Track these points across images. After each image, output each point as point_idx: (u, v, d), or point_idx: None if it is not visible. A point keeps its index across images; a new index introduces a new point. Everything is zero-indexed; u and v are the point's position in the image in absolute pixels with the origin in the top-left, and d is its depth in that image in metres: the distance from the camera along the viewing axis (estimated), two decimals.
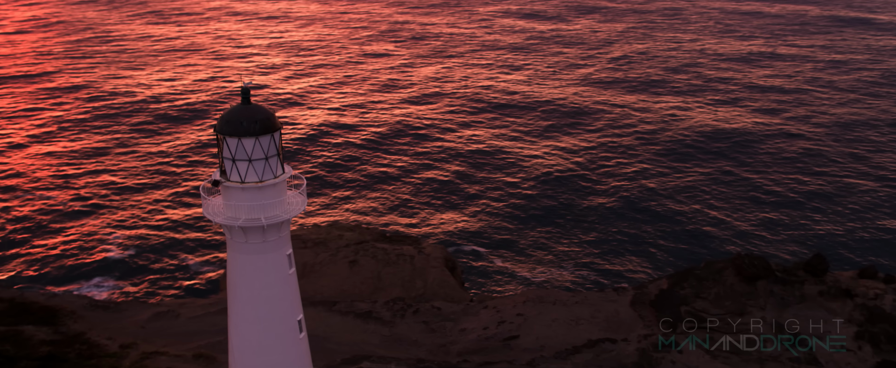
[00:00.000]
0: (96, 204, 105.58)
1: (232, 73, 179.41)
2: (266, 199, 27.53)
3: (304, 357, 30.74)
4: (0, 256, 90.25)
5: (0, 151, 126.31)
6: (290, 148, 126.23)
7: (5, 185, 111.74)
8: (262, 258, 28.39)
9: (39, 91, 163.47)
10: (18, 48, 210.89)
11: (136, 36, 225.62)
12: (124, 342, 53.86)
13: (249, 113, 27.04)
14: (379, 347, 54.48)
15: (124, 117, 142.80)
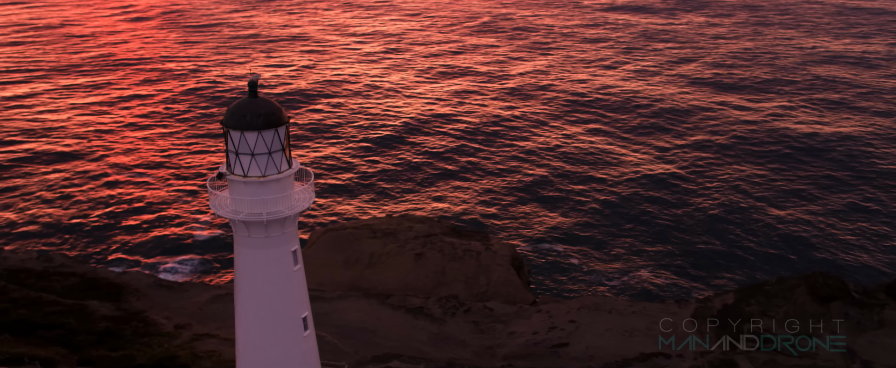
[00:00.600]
0: (192, 189, 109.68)
1: (334, 62, 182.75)
2: (268, 194, 27.16)
3: (309, 354, 30.30)
4: (92, 233, 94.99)
5: (111, 130, 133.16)
6: (380, 137, 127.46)
7: (115, 163, 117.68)
8: (265, 254, 28.07)
9: (151, 76, 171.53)
10: (134, 34, 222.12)
11: (246, 24, 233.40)
12: (180, 322, 55.37)
13: (254, 107, 26.69)
14: (425, 344, 53.87)
15: (222, 105, 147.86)
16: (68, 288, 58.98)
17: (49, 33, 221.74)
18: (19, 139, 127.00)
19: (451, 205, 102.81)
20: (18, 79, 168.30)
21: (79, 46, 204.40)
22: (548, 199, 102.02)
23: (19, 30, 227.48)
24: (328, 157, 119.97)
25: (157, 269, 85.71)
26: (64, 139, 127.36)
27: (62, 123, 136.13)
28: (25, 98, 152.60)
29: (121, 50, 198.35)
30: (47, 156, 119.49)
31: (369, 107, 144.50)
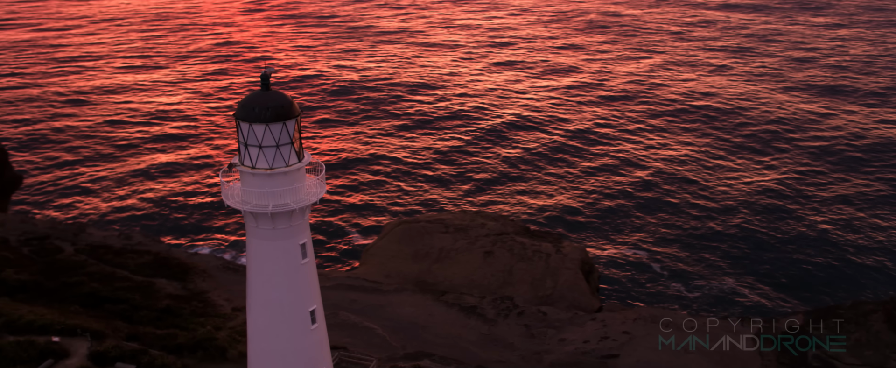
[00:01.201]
0: None
1: (437, 57, 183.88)
2: (275, 186, 27.31)
3: (316, 347, 30.35)
4: (182, 214, 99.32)
5: (210, 118, 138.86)
6: (472, 132, 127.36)
7: (217, 147, 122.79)
8: (272, 245, 28.27)
9: (252, 66, 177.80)
10: (249, 24, 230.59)
11: (355, 17, 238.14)
12: (239, 305, 56.84)
13: (264, 100, 26.86)
14: (473, 344, 53.32)
15: (330, 100, 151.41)
16: (141, 266, 61.67)
17: (168, 22, 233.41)
18: (136, 121, 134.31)
19: (531, 204, 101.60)
20: (136, 65, 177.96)
21: (194, 34, 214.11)
22: (637, 205, 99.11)
23: (144, 18, 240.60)
24: (420, 149, 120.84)
25: (237, 253, 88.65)
26: (175, 123, 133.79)
27: (175, 109, 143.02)
28: (140, 85, 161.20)
29: (230, 40, 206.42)
30: (156, 140, 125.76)
31: (466, 102, 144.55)
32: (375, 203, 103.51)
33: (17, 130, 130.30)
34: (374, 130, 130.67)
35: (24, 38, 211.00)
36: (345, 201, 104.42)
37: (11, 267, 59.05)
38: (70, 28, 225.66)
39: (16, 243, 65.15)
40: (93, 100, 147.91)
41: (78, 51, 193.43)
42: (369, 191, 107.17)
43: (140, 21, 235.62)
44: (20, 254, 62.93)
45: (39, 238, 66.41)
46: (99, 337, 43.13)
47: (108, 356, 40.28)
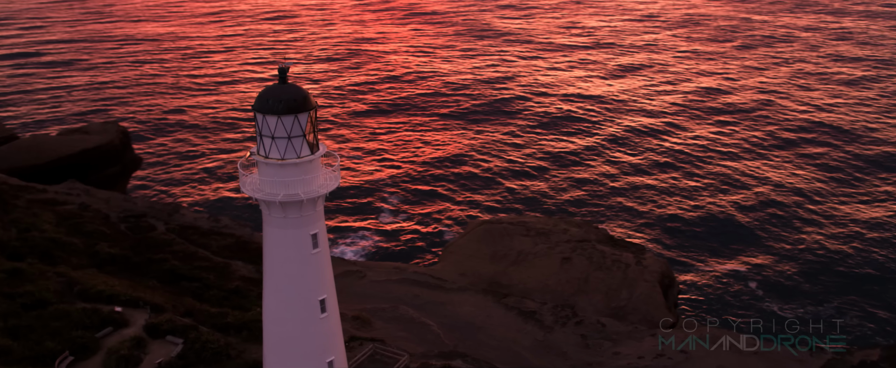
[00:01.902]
0: (385, 175, 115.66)
1: (551, 62, 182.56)
2: (286, 176, 28.17)
3: (326, 336, 31.05)
4: None
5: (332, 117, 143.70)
6: (574, 138, 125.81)
7: None
8: (284, 233, 29.18)
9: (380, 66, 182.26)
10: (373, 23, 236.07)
11: (479, 19, 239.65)
12: None
13: (278, 92, 27.77)
14: (525, 349, 52.81)
15: (430, 103, 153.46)
16: (222, 247, 64.83)
17: (296, 18, 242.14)
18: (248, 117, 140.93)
19: (622, 213, 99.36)
20: (264, 60, 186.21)
21: (315, 32, 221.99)
22: (738, 224, 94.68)
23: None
24: (525, 151, 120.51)
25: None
26: None
27: None
28: (255, 79, 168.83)
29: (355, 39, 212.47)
30: None
31: (577, 107, 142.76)
32: (474, 199, 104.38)
33: (144, 116, 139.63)
34: (481, 128, 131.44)
35: (157, 31, 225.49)
36: (443, 195, 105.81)
37: (106, 241, 63.49)
38: (201, 22, 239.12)
39: (115, 219, 69.93)
40: (218, 91, 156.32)
41: (206, 44, 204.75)
42: (469, 187, 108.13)
43: (271, 17, 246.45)
44: (117, 230, 67.53)
45: (137, 216, 70.99)
46: (158, 311, 45.78)
47: (161, 328, 42.69)
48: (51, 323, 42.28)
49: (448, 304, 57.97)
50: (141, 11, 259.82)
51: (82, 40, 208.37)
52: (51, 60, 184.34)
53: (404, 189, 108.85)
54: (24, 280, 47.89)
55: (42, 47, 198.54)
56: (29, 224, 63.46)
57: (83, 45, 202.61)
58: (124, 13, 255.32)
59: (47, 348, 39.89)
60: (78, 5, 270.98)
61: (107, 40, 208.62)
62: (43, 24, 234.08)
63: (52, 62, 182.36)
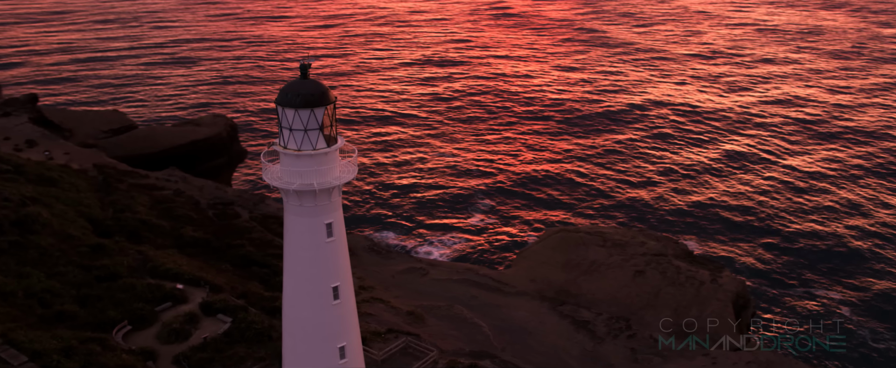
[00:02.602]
0: (486, 169, 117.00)
1: (666, 77, 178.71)
2: (301, 167, 29.74)
3: (339, 322, 32.40)
4: (373, 197, 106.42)
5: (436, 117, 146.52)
6: (674, 151, 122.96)
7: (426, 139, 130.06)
8: (300, 221, 30.80)
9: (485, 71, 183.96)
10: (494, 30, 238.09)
11: (613, 34, 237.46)
12: (367, 284, 60.73)
13: (297, 87, 29.40)
14: (574, 358, 52.60)
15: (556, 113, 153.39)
16: None
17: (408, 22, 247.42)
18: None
19: (709, 230, 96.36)
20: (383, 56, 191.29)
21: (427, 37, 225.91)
22: (840, 257, 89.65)
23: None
24: (620, 163, 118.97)
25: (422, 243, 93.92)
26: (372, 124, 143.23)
27: (391, 110, 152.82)
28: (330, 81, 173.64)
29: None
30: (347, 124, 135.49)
31: (686, 123, 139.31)
32: (566, 205, 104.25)
33: (255, 110, 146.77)
34: (583, 137, 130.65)
35: (279, 33, 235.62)
36: (538, 200, 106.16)
37: (192, 225, 67.70)
38: (317, 25, 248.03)
39: (205, 205, 74.31)
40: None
41: (321, 44, 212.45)
42: (563, 194, 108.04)
43: (383, 21, 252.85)
44: (204, 215, 71.77)
45: (225, 204, 75.16)
46: (217, 291, 48.68)
47: (214, 307, 45.46)
48: (117, 295, 45.83)
49: (503, 307, 58.40)
50: (267, 11, 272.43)
51: (209, 39, 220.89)
52: (177, 56, 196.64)
53: (499, 192, 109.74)
54: (103, 255, 52.03)
55: (173, 45, 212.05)
56: (125, 206, 68.48)
57: (210, 43, 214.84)
58: (250, 13, 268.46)
59: (109, 316, 43.34)
60: (213, 8, 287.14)
61: (234, 39, 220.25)
62: (174, 23, 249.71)
63: (178, 58, 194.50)
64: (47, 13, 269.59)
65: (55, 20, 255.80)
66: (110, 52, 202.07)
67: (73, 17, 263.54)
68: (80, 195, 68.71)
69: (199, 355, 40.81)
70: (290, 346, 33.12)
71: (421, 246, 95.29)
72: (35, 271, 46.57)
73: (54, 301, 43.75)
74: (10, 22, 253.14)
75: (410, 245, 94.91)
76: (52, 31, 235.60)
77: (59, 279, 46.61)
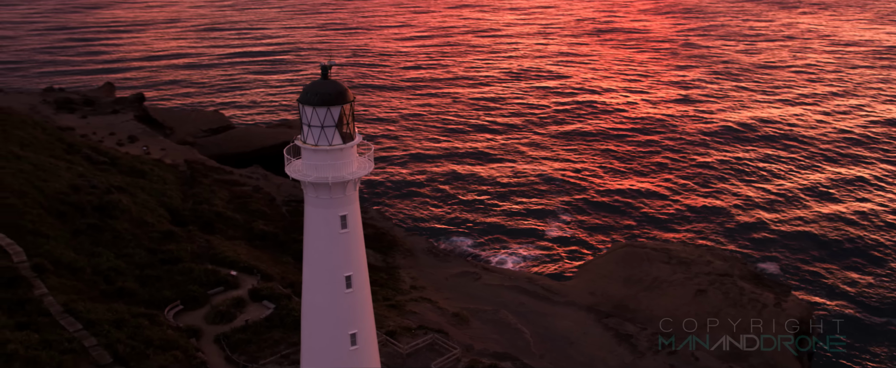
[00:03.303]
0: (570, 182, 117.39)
1: (760, 96, 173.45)
2: (318, 161, 31.81)
3: (351, 310, 34.17)
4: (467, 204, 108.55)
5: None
6: (764, 177, 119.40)
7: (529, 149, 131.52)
8: (316, 212, 32.85)
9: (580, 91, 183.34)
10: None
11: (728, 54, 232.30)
12: (419, 284, 62.61)
13: (317, 86, 31.51)
14: None
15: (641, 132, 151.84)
16: None
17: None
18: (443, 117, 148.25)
19: (784, 252, 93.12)
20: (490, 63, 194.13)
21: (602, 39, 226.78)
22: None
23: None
24: (711, 182, 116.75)
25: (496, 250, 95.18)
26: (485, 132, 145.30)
27: (494, 120, 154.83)
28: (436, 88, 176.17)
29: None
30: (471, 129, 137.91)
31: (784, 145, 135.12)
32: (647, 217, 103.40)
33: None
34: (673, 151, 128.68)
35: (382, 45, 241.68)
36: (617, 212, 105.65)
37: (264, 219, 71.52)
38: (420, 36, 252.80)
39: (280, 202, 78.20)
40: (424, 96, 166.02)
41: (416, 52, 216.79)
42: (644, 209, 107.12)
43: (485, 34, 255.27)
44: (277, 211, 75.59)
45: (298, 201, 78.84)
46: (268, 279, 51.61)
47: (261, 293, 48.34)
48: (175, 277, 49.43)
49: (549, 316, 58.97)
50: (367, 22, 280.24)
51: (311, 47, 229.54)
52: (280, 61, 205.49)
53: (583, 204, 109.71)
54: (171, 241, 56.03)
55: (278, 51, 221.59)
56: (204, 199, 73.09)
57: (312, 50, 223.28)
58: (361, 25, 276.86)
59: (164, 295, 46.87)
60: (322, 18, 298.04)
61: (341, 48, 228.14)
62: (280, 32, 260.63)
63: (281, 63, 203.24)
64: (164, 21, 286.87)
65: (171, 27, 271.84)
66: (221, 58, 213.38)
67: (187, 23, 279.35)
68: (166, 187, 73.82)
69: (239, 336, 43.62)
70: (307, 331, 35.20)
71: (495, 254, 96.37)
72: (106, 251, 50.80)
73: (117, 279, 47.67)
74: (128, 29, 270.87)
75: (484, 253, 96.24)
76: (168, 37, 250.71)
77: (125, 260, 50.66)
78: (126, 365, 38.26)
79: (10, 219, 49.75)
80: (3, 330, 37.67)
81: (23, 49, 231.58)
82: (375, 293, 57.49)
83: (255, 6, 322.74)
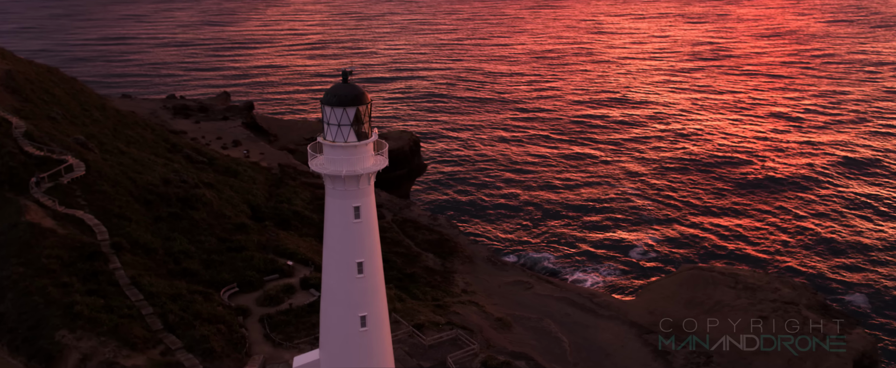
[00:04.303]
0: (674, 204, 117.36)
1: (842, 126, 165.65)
2: (335, 156, 35.50)
3: (361, 293, 37.47)
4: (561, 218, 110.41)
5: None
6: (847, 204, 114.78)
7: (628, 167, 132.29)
8: (333, 202, 36.46)
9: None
10: None
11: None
12: (471, 289, 65.35)
13: (337, 89, 35.25)
14: None
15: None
16: (425, 241, 73.96)
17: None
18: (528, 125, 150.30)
19: (859, 281, 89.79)
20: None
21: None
22: None
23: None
24: (814, 218, 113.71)
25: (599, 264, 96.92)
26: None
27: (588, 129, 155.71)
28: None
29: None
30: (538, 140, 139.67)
31: (856, 173, 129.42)
32: (738, 239, 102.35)
33: (436, 127, 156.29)
34: (778, 192, 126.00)
35: (493, 68, 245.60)
36: (701, 233, 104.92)
37: None
38: (511, 59, 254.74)
39: None
40: (505, 100, 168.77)
41: (514, 74, 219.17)
42: (739, 233, 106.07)
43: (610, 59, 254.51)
44: None
45: (376, 206, 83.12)
46: (320, 271, 55.73)
47: (310, 282, 52.51)
48: (237, 263, 54.42)
49: (591, 327, 60.34)
50: (476, 41, 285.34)
51: (416, 63, 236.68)
52: (386, 76, 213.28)
53: (667, 227, 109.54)
54: (242, 232, 61.34)
55: (385, 65, 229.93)
56: (286, 198, 78.66)
57: (417, 65, 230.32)
58: (476, 42, 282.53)
59: (223, 278, 51.81)
60: (425, 37, 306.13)
61: (447, 66, 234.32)
62: (387, 48, 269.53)
63: (385, 77, 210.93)
64: (285, 38, 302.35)
65: (293, 44, 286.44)
66: (331, 74, 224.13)
67: (303, 39, 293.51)
68: (253, 186, 79.92)
69: (281, 317, 47.87)
70: (323, 311, 38.80)
71: (574, 271, 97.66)
72: (180, 236, 56.47)
73: (185, 260, 53.07)
74: (249, 46, 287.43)
75: (565, 269, 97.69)
76: (287, 52, 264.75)
77: (196, 245, 56.15)
78: (174, 332, 43.11)
79: (101, 203, 56.27)
80: (75, 294, 43.35)
81: (154, 61, 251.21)
82: (425, 294, 60.93)
83: (380, 26, 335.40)
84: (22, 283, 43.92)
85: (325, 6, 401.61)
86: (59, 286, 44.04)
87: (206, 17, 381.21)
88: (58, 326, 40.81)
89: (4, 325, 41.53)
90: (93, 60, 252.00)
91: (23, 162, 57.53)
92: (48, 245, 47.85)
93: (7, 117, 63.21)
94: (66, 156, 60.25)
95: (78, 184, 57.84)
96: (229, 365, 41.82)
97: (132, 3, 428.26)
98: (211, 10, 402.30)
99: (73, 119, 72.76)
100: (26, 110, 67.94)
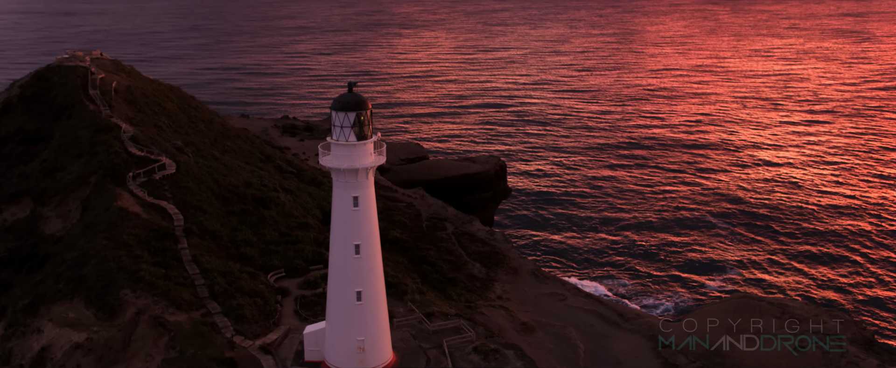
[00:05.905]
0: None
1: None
2: (338, 152, 42.66)
3: (358, 273, 44.10)
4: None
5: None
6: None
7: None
8: (337, 192, 43.59)
9: None
10: None
11: None
12: (505, 296, 70.47)
13: (341, 96, 42.51)
14: None
15: None
16: (476, 252, 79.60)
17: None
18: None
19: None
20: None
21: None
22: None
23: None
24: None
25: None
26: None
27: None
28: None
29: None
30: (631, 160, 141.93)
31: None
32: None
33: (515, 147, 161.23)
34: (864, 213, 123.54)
35: (572, 104, 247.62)
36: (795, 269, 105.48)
37: (401, 228, 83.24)
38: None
39: (424, 218, 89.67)
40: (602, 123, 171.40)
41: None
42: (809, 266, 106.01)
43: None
44: (417, 225, 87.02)
45: (439, 219, 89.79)
46: None
47: None
48: (289, 253, 62.39)
49: (610, 338, 63.98)
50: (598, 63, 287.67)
51: (521, 87, 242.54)
52: (486, 101, 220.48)
53: (751, 257, 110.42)
54: (303, 229, 69.44)
55: (496, 91, 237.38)
56: None
57: (521, 91, 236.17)
58: (587, 67, 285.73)
59: (274, 263, 59.85)
60: (562, 82, 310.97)
61: (539, 89, 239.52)
62: (494, 77, 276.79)
63: (486, 102, 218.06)
64: (404, 68, 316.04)
65: (412, 74, 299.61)
66: (436, 102, 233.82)
67: (417, 69, 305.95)
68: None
69: (313, 298, 55.19)
70: (329, 287, 45.68)
71: (639, 301, 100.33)
72: (245, 227, 65.17)
73: (244, 247, 61.53)
74: (373, 75, 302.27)
75: (627, 295, 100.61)
76: (398, 81, 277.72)
77: (259, 237, 64.62)
78: (216, 300, 51.18)
79: (183, 197, 65.92)
80: (142, 264, 52.34)
81: (273, 85, 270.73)
82: (460, 296, 66.75)
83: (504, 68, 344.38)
84: (103, 253, 53.43)
85: (448, 39, 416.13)
86: (132, 256, 53.25)
87: (332, 47, 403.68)
88: (123, 287, 49.74)
89: (84, 283, 50.87)
90: (221, 82, 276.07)
91: (125, 160, 68.19)
92: (131, 226, 57.47)
93: (119, 123, 74.65)
94: (161, 157, 70.65)
95: (167, 180, 67.92)
96: (256, 330, 49.35)
97: (265, 35, 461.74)
98: (346, 42, 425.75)
99: (177, 128, 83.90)
100: (137, 119, 79.48)
